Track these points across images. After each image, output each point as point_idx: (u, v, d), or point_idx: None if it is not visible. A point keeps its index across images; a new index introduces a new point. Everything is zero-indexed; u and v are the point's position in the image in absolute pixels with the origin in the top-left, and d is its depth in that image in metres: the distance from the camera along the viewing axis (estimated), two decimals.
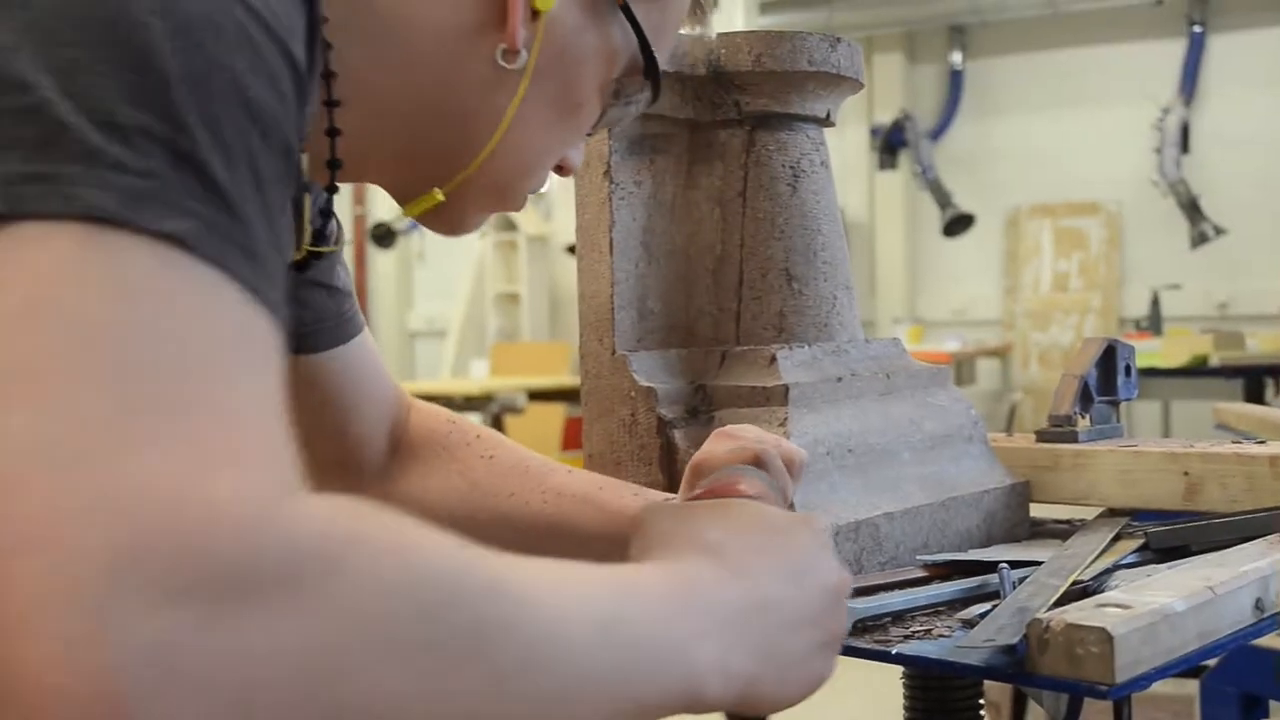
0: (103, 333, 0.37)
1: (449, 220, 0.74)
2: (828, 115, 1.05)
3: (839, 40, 1.02)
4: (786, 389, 0.94)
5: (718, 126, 1.04)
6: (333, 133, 0.65)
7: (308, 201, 0.70)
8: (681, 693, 0.51)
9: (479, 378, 7.13)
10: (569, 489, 0.87)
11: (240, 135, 0.43)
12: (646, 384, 0.97)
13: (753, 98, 1.01)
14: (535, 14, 0.66)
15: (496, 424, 6.21)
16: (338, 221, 0.82)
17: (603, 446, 1.00)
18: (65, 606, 0.33)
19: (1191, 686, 2.25)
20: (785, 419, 0.93)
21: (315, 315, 0.85)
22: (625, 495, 0.86)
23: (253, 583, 0.35)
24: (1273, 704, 1.99)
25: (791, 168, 1.03)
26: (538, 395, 6.01)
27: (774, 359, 0.97)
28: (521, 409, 5.87)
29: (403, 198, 0.73)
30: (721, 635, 0.54)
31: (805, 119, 1.04)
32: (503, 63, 0.66)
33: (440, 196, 0.71)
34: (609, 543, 0.81)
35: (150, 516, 0.35)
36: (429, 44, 0.66)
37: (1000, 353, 7.34)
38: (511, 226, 7.87)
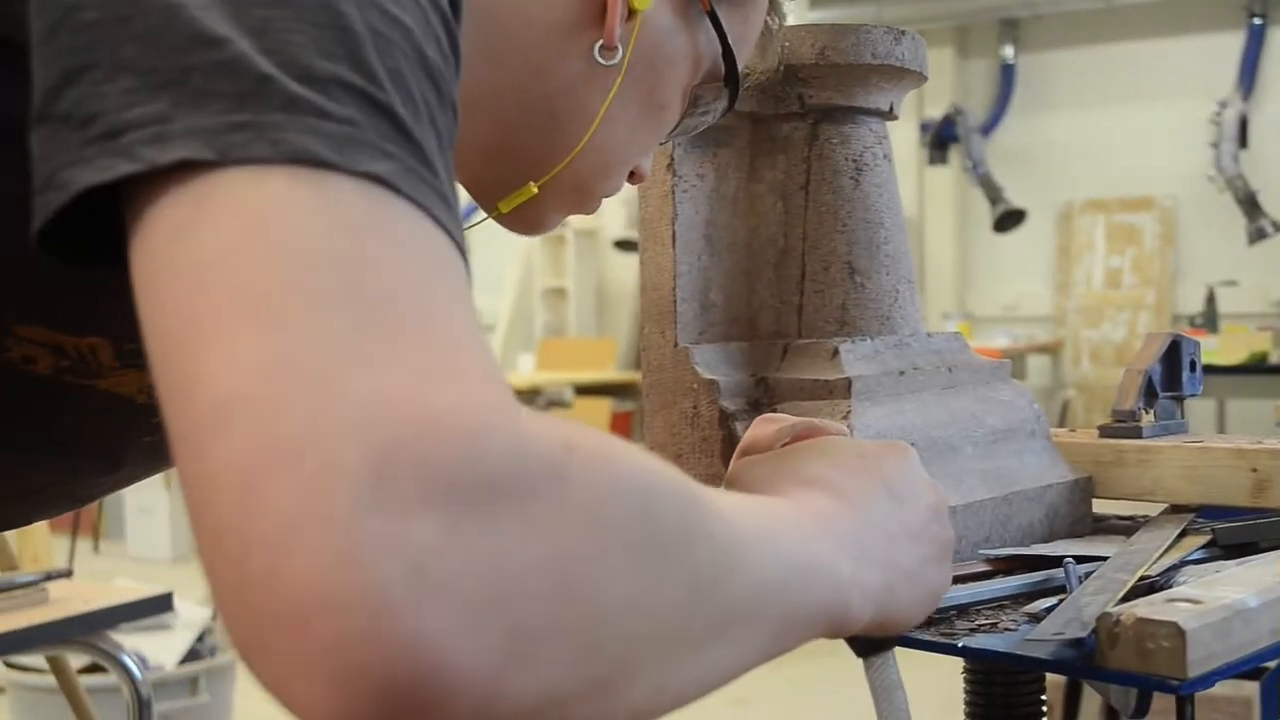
0: (322, 260, 0.38)
1: (530, 220, 0.75)
2: (891, 108, 1.05)
3: (903, 33, 1.01)
4: (849, 382, 0.94)
5: (781, 120, 1.04)
6: None
7: None
8: (834, 605, 0.54)
9: (526, 372, 7.17)
10: None
11: (421, 91, 0.44)
12: (709, 376, 0.98)
13: (816, 91, 1.01)
14: (631, 13, 0.67)
15: None
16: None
17: (664, 439, 1.01)
18: (326, 521, 0.34)
19: (1250, 688, 2.22)
20: (848, 412, 0.93)
21: None
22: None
23: (495, 488, 0.36)
24: None
25: (854, 161, 1.02)
26: (585, 390, 6.04)
27: (836, 352, 0.97)
28: (568, 404, 5.90)
29: (487, 195, 0.74)
30: (851, 552, 0.56)
31: (868, 112, 1.03)
32: (599, 59, 0.67)
33: (534, 189, 0.71)
34: None
35: (399, 429, 0.35)
36: (528, 38, 0.66)
37: (1051, 349, 7.27)
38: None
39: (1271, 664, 2.06)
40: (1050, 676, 1.03)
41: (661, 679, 0.42)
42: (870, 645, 0.67)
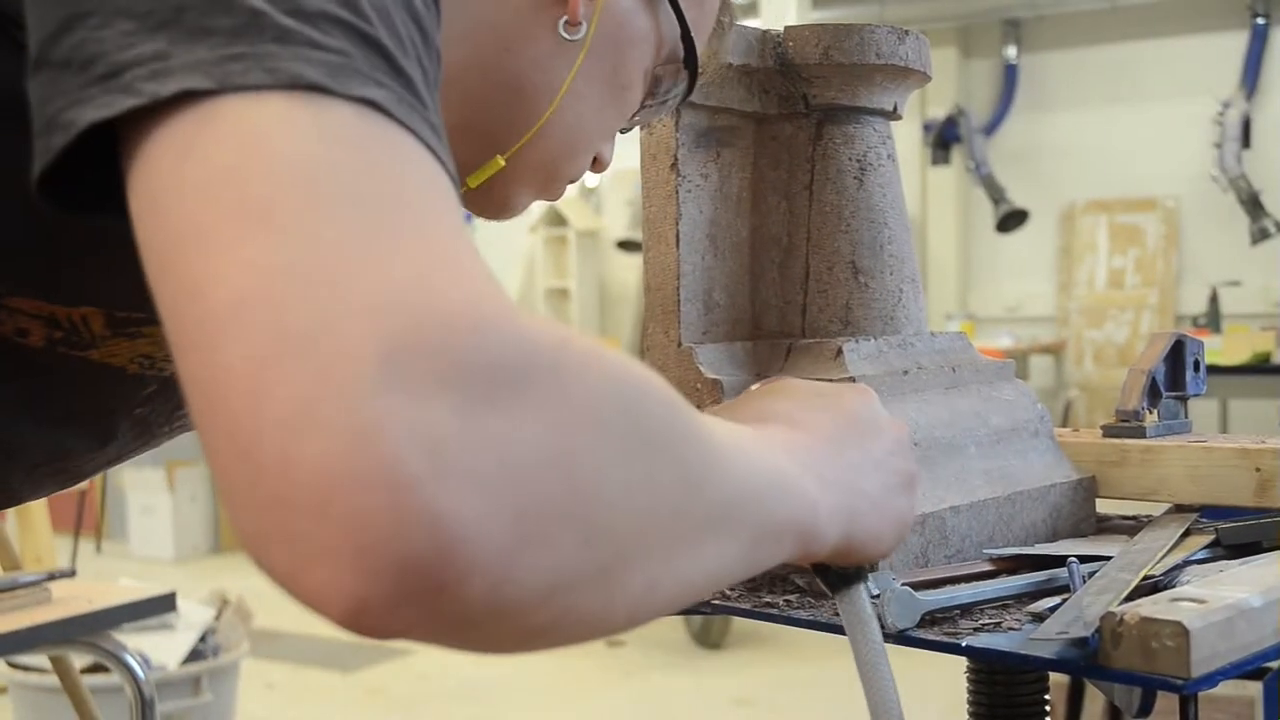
0: (322, 170, 0.39)
1: (498, 201, 0.77)
2: (895, 108, 1.05)
3: (907, 33, 1.01)
4: (853, 381, 0.94)
5: (784, 119, 1.04)
6: None
7: None
8: (803, 521, 0.55)
9: None
10: None
11: (407, 31, 0.46)
12: (713, 376, 0.98)
13: (820, 91, 1.01)
14: None
15: None
16: None
17: None
18: (342, 402, 0.35)
19: (1253, 689, 2.22)
20: None
21: None
22: None
23: (502, 374, 0.38)
24: None
25: (858, 161, 1.02)
26: None
27: (840, 351, 0.97)
28: None
29: (458, 172, 0.75)
30: (810, 474, 0.57)
31: (872, 112, 1.04)
32: (564, 34, 0.69)
33: (502, 162, 0.73)
34: None
35: (410, 316, 0.37)
36: (496, 15, 0.69)
37: (1054, 350, 7.27)
38: (561, 222, 7.89)
39: (1275, 664, 2.07)
40: (1053, 676, 1.03)
41: (656, 572, 0.43)
42: (841, 578, 0.67)
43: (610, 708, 3.87)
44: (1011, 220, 6.92)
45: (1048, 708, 1.01)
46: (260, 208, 0.38)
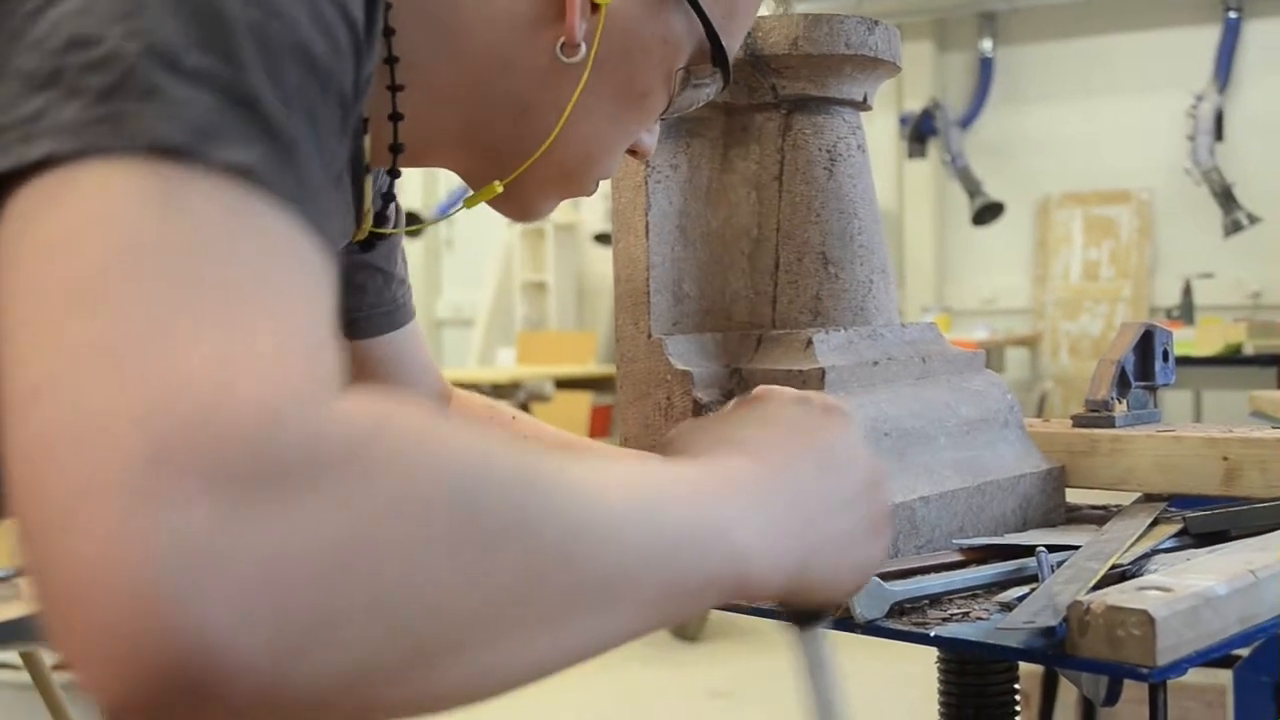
0: (153, 250, 0.38)
1: (518, 207, 0.75)
2: (865, 99, 1.05)
3: (876, 23, 1.01)
4: (823, 372, 0.94)
5: (754, 110, 1.04)
6: (395, 117, 0.66)
7: (369, 183, 0.70)
8: (728, 575, 0.52)
9: (506, 366, 7.15)
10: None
11: (299, 84, 0.44)
12: (682, 367, 0.97)
13: (789, 81, 1.01)
14: (595, 7, 0.67)
15: (524, 412, 6.22)
16: (398, 206, 0.83)
17: (637, 430, 1.01)
18: (102, 505, 0.34)
19: (1224, 676, 2.23)
20: None
21: (371, 300, 0.86)
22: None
23: (280, 473, 0.36)
24: None
25: (828, 151, 1.02)
26: (565, 384, 6.02)
27: (810, 342, 0.97)
28: (548, 397, 5.89)
29: (472, 183, 0.75)
30: (760, 518, 0.54)
31: (842, 102, 1.03)
32: (561, 56, 0.67)
33: (499, 188, 0.72)
34: None
35: (186, 413, 0.35)
36: (487, 35, 0.66)
37: (1029, 342, 7.30)
38: None
39: (1244, 651, 2.08)
40: (1027, 666, 1.03)
41: (496, 655, 0.41)
42: (802, 617, 0.65)
43: (587, 700, 3.87)
44: (987, 213, 6.94)
45: (1017, 697, 1.01)
46: (81, 287, 0.37)
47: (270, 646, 0.35)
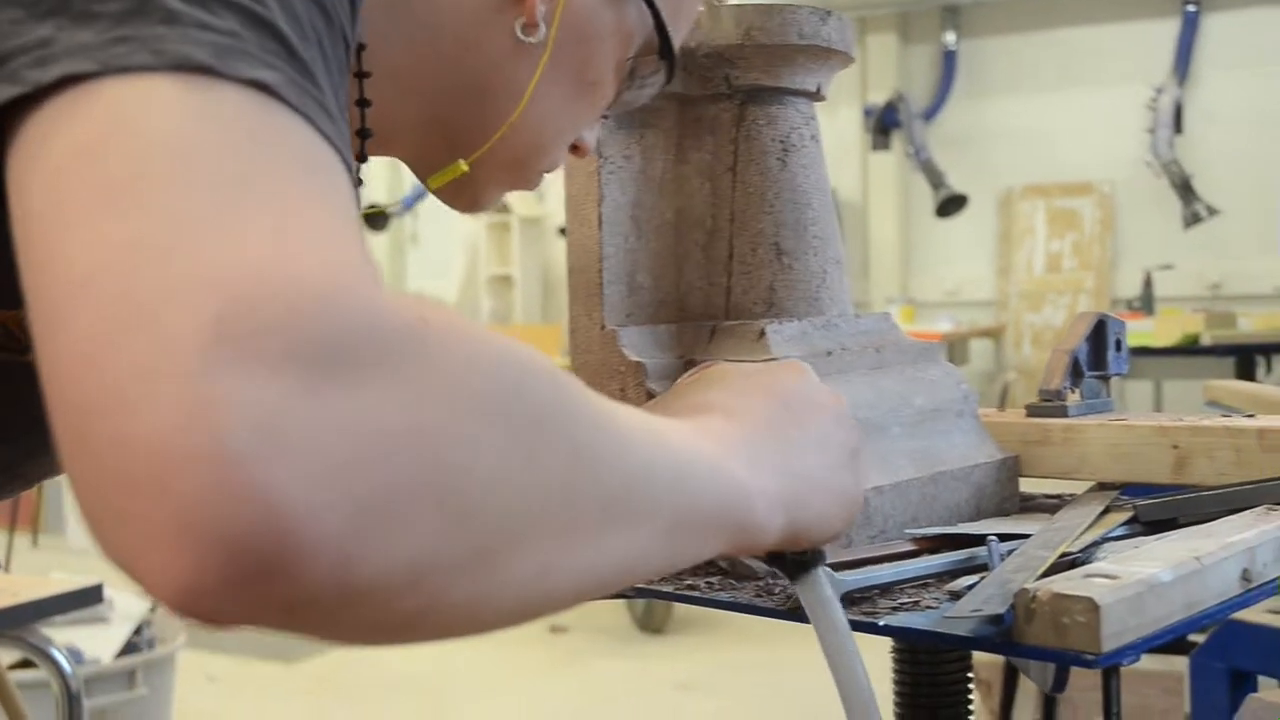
0: (189, 147, 0.38)
1: (469, 197, 0.76)
2: (818, 89, 1.05)
3: (829, 14, 1.01)
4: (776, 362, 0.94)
5: (707, 101, 1.03)
6: (363, 103, 0.67)
7: None
8: (735, 507, 0.53)
9: None
10: None
11: (308, 14, 0.45)
12: (636, 359, 0.97)
13: (743, 71, 1.01)
14: None
15: None
16: (358, 196, 0.83)
17: None
18: (173, 378, 0.34)
19: (1181, 663, 2.26)
20: None
21: None
22: None
23: (348, 351, 0.36)
24: (1261, 679, 1.99)
25: (781, 142, 1.02)
26: None
27: (763, 333, 0.97)
28: None
29: (426, 171, 0.75)
30: (747, 462, 0.55)
31: (795, 93, 1.03)
32: (522, 36, 0.68)
33: (464, 167, 0.72)
34: None
35: (249, 291, 0.35)
36: (450, 18, 0.67)
37: (993, 333, 7.35)
38: (505, 209, 7.85)
39: (1199, 638, 2.09)
40: (989, 655, 1.04)
41: (547, 557, 0.42)
42: (798, 565, 0.66)
43: (554, 694, 3.87)
44: (951, 205, 6.98)
45: (971, 685, 1.02)
46: (119, 183, 0.37)
47: (343, 524, 0.35)
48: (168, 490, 0.33)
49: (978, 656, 1.07)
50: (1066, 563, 0.83)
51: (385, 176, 8.37)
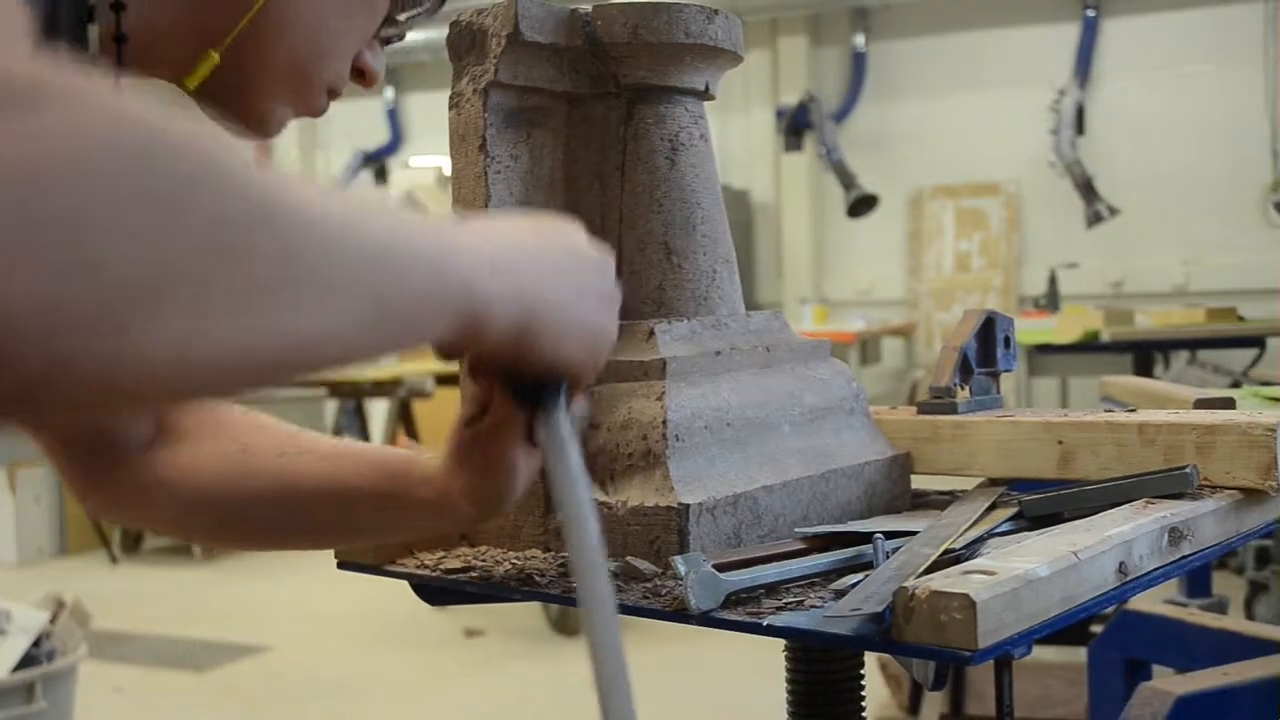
0: None
1: (252, 116, 0.75)
2: (707, 88, 1.05)
3: (716, 12, 1.01)
4: (664, 363, 0.94)
5: (596, 99, 1.02)
6: (117, 7, 0.67)
7: None
8: (457, 294, 0.54)
9: (388, 364, 7.04)
10: (345, 450, 0.88)
11: None
12: None
13: (630, 70, 1.00)
14: None
15: (404, 409, 6.14)
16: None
17: None
18: None
19: (1083, 654, 2.30)
20: (663, 393, 0.92)
21: None
22: (400, 456, 0.87)
23: None
24: (1156, 667, 2.04)
25: (670, 141, 1.02)
26: (446, 380, 5.95)
27: (652, 333, 0.96)
28: (430, 394, 5.82)
29: (179, 73, 0.75)
30: (486, 259, 0.56)
31: (684, 92, 1.03)
32: None
33: (216, 57, 0.72)
34: (384, 498, 0.84)
35: None
36: None
37: (904, 332, 7.44)
38: (419, 207, 7.77)
39: (1095, 629, 2.10)
40: None
41: (188, 324, 0.41)
42: (534, 392, 0.65)
43: (469, 698, 3.84)
44: (862, 205, 7.05)
45: (864, 683, 1.02)
46: None
47: None
48: None
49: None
50: (951, 559, 0.83)
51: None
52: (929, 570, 0.78)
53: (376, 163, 8.91)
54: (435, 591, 0.95)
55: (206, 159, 0.42)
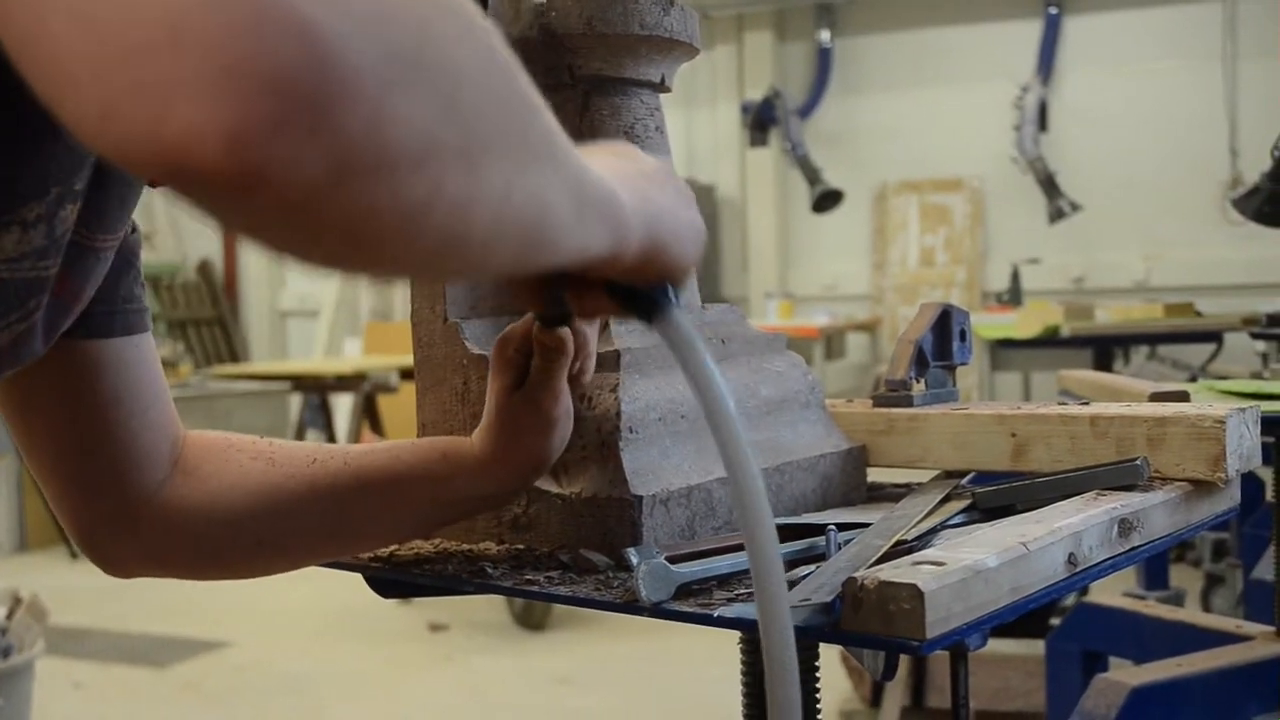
0: None
1: None
2: (663, 80, 1.04)
3: (671, 4, 1.01)
4: (619, 355, 0.93)
5: (551, 91, 1.02)
6: None
7: None
8: (615, 203, 0.57)
9: (352, 357, 7.00)
10: (378, 446, 0.87)
11: None
12: (479, 352, 0.96)
13: (585, 61, 1.00)
14: None
15: (369, 403, 6.11)
16: None
17: (435, 416, 0.99)
18: None
19: (1041, 647, 2.32)
20: (617, 385, 0.92)
21: (124, 295, 0.81)
22: (423, 446, 0.87)
23: None
24: (1113, 659, 2.06)
25: (626, 133, 1.01)
26: (410, 374, 5.95)
27: (607, 325, 0.96)
28: (395, 388, 5.79)
29: None
30: (612, 179, 0.58)
31: (639, 84, 1.02)
32: None
33: None
34: (439, 480, 0.85)
35: None
36: None
37: (869, 327, 7.47)
38: None
39: (1056, 621, 2.13)
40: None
41: (510, 175, 0.45)
42: (650, 302, 0.64)
43: (432, 692, 3.83)
44: (827, 200, 7.08)
45: (819, 674, 1.02)
46: None
47: (377, 66, 0.36)
48: (195, 34, 0.33)
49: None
50: (903, 551, 0.83)
51: None
52: (880, 561, 0.78)
53: None
54: (388, 584, 0.95)
55: (503, 46, 0.47)
